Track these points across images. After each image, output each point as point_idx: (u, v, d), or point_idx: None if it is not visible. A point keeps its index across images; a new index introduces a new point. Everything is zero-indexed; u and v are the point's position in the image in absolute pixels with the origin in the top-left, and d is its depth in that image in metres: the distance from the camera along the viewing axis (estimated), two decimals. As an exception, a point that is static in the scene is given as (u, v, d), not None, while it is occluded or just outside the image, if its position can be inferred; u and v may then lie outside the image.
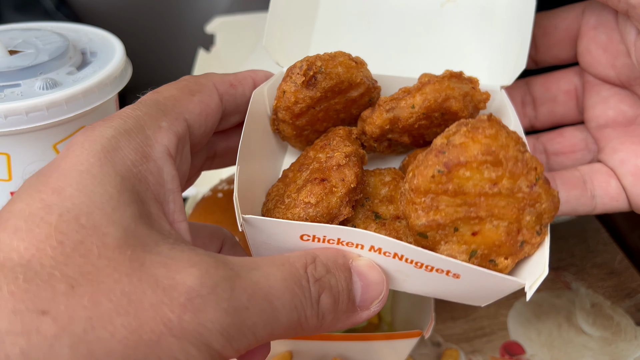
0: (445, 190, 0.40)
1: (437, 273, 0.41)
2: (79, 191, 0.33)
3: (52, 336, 0.28)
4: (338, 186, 0.45)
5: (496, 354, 0.66)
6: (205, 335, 0.31)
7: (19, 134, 0.52)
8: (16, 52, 0.56)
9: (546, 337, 0.68)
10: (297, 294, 0.36)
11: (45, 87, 0.52)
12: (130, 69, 0.60)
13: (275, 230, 0.42)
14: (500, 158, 0.40)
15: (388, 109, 0.50)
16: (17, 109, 0.50)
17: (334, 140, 0.49)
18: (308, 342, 0.55)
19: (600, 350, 0.66)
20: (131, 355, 0.29)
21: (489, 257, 0.42)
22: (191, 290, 0.31)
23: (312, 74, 0.49)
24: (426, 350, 0.66)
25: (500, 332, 0.68)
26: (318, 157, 0.48)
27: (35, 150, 0.54)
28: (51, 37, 0.59)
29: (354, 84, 0.50)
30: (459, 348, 0.67)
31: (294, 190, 0.46)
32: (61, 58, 0.56)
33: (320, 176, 0.45)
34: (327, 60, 0.49)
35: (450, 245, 0.42)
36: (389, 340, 0.56)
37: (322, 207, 0.44)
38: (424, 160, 0.41)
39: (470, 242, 0.42)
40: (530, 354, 0.66)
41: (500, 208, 0.41)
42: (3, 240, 0.31)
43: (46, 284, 0.29)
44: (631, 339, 0.68)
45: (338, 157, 0.46)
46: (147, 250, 0.32)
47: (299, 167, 0.50)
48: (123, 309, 0.30)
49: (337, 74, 0.49)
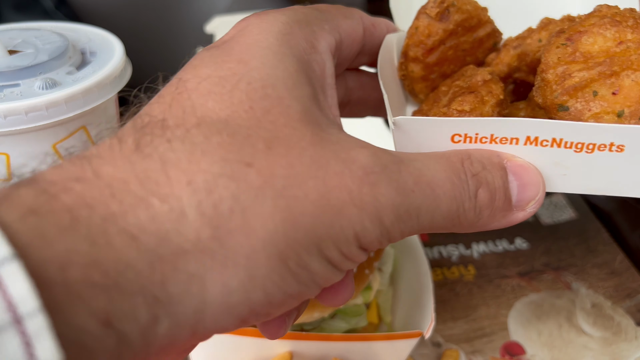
0: (573, 60, 0.42)
1: (599, 152, 0.39)
2: (263, 64, 0.35)
3: (257, 187, 0.30)
4: (488, 97, 0.45)
5: (496, 354, 0.66)
6: (379, 210, 0.33)
7: (18, 134, 0.52)
8: (15, 51, 0.56)
9: (546, 337, 0.68)
10: (457, 185, 0.36)
11: (44, 87, 0.52)
12: (129, 69, 0.60)
13: (426, 131, 0.41)
14: (618, 19, 0.42)
15: (515, 45, 0.52)
16: (16, 109, 0.50)
17: (467, 72, 0.50)
18: (308, 343, 0.55)
19: (600, 351, 0.66)
20: (319, 218, 0.31)
21: (637, 114, 0.40)
22: (366, 166, 0.33)
23: (445, 6, 0.50)
24: (426, 350, 0.66)
25: (500, 333, 0.68)
26: (456, 84, 0.49)
27: (35, 150, 0.54)
28: (51, 37, 0.59)
29: (482, 22, 0.52)
30: (459, 348, 0.67)
31: (440, 108, 0.46)
32: (61, 58, 0.56)
33: (468, 90, 0.46)
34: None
35: (594, 112, 0.41)
36: (389, 341, 0.56)
37: (476, 115, 0.44)
38: (547, 45, 0.44)
39: (613, 102, 0.41)
40: (531, 354, 0.66)
41: (634, 61, 0.41)
42: (196, 100, 0.33)
43: (246, 140, 0.31)
44: (632, 339, 0.68)
45: (483, 74, 0.47)
46: (322, 129, 0.35)
47: (432, 101, 0.50)
48: (313, 173, 0.32)
49: (467, 10, 0.51)
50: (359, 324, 0.62)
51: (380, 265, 0.68)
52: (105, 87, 0.55)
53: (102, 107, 0.58)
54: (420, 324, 0.59)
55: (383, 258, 0.69)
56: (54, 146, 0.55)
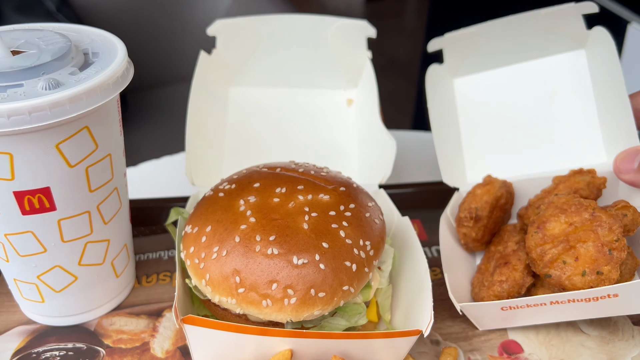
0: (544, 242, 0.64)
1: (602, 300, 0.60)
2: None
3: None
4: (517, 264, 0.68)
5: (494, 353, 0.66)
6: None
7: (21, 134, 0.52)
8: (19, 52, 0.57)
9: (544, 336, 0.68)
10: None
11: (47, 87, 0.52)
12: (131, 70, 0.61)
13: (483, 309, 0.66)
14: (565, 207, 0.64)
15: (537, 205, 0.72)
16: (20, 109, 0.50)
17: (505, 235, 0.74)
18: (308, 341, 0.55)
19: (598, 349, 0.66)
20: None
21: (594, 271, 0.60)
22: None
23: (474, 215, 0.74)
24: (425, 348, 0.67)
25: (498, 331, 0.69)
26: (498, 250, 0.73)
27: (38, 149, 0.54)
28: (54, 38, 0.59)
29: (498, 197, 0.76)
30: (458, 347, 0.67)
31: (488, 276, 0.70)
32: (64, 58, 0.56)
33: (503, 261, 0.69)
34: (473, 199, 0.76)
35: (567, 276, 0.61)
36: (388, 339, 0.56)
37: (511, 282, 0.67)
38: (527, 233, 0.66)
39: (577, 266, 0.61)
40: (529, 353, 0.66)
41: (582, 235, 0.62)
42: None
43: None
44: (628, 338, 0.68)
45: (512, 245, 0.71)
46: None
47: (487, 260, 0.74)
48: None
49: (486, 201, 0.75)
50: (359, 322, 0.63)
51: (379, 264, 0.68)
52: (107, 87, 0.56)
53: (105, 107, 0.58)
54: (419, 322, 0.59)
55: (382, 257, 0.69)
56: (57, 146, 0.55)
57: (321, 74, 0.95)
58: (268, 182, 0.65)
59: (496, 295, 0.67)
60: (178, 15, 1.91)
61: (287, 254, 0.57)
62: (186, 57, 1.20)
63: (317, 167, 0.70)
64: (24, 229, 0.59)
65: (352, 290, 0.59)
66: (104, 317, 0.71)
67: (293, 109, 0.95)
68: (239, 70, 0.95)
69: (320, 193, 0.63)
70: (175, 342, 0.68)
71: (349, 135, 0.92)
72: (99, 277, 0.68)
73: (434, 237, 0.84)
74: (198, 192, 0.78)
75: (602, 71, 0.77)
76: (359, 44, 0.92)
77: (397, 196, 0.80)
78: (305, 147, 0.91)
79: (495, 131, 0.84)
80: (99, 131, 0.58)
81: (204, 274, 0.59)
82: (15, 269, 0.64)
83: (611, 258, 0.60)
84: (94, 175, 0.60)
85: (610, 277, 0.60)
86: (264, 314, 0.57)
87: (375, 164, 0.83)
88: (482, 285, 0.70)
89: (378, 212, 0.66)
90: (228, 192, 0.65)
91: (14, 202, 0.56)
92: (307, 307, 0.57)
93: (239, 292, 0.57)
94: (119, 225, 0.68)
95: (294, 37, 0.93)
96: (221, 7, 1.95)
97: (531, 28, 0.82)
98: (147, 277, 0.78)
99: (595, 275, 0.60)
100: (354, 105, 0.95)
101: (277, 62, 0.94)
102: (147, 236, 0.85)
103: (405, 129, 1.38)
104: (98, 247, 0.65)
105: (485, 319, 0.67)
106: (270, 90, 0.96)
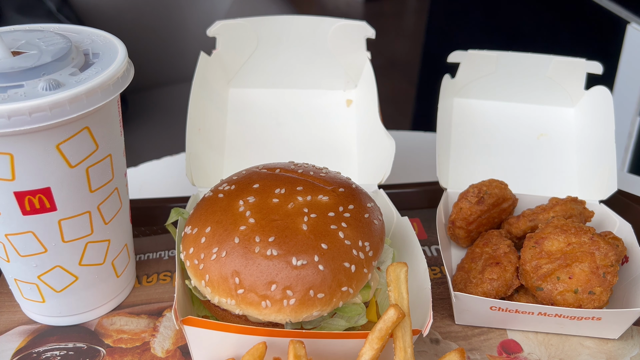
0: (541, 257, 0.67)
1: (585, 320, 0.64)
2: None
3: None
4: (508, 266, 0.70)
5: (494, 352, 0.66)
6: None
7: (22, 134, 0.52)
8: (19, 53, 0.57)
9: (543, 335, 0.68)
10: None
11: (48, 87, 0.52)
12: (132, 71, 0.61)
13: (472, 302, 0.66)
14: (565, 229, 0.68)
15: (530, 219, 0.77)
16: (20, 110, 0.50)
17: (492, 239, 0.75)
18: (308, 340, 0.55)
19: (597, 349, 0.67)
20: None
21: (586, 290, 0.64)
22: None
23: (481, 195, 0.77)
24: (425, 347, 0.67)
25: (497, 330, 0.69)
26: (486, 251, 0.74)
27: (38, 150, 0.54)
28: (54, 39, 0.60)
29: (506, 198, 0.80)
30: (457, 346, 0.67)
31: (476, 274, 0.71)
32: (64, 59, 0.56)
33: (494, 261, 0.71)
34: (487, 185, 0.79)
35: (559, 291, 0.65)
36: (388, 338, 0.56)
37: (501, 280, 0.69)
38: (523, 247, 0.70)
39: (570, 284, 0.65)
40: (528, 352, 0.66)
41: (579, 255, 0.66)
42: None
43: None
44: (627, 338, 0.68)
45: (504, 247, 0.72)
46: None
47: (470, 260, 0.75)
48: None
49: (495, 193, 0.79)
50: (359, 322, 0.63)
51: (378, 264, 0.69)
52: (108, 88, 0.56)
53: (105, 107, 0.59)
54: (418, 322, 0.59)
55: (381, 257, 0.69)
56: (58, 146, 0.55)
57: (321, 74, 0.95)
58: (267, 183, 0.65)
59: (484, 293, 0.69)
60: (178, 16, 1.91)
61: (286, 255, 0.57)
62: (186, 58, 1.20)
63: (317, 168, 0.70)
64: (25, 229, 0.59)
65: (351, 291, 0.59)
66: (104, 316, 0.71)
67: (293, 110, 0.95)
68: (239, 71, 0.95)
69: (320, 194, 0.63)
70: (176, 342, 0.68)
71: (348, 135, 0.92)
72: (100, 277, 0.68)
73: (433, 236, 0.84)
74: (198, 193, 0.78)
75: (593, 125, 0.86)
76: (359, 44, 0.92)
77: (397, 196, 0.80)
78: (304, 147, 0.91)
79: (483, 150, 0.90)
80: (99, 131, 0.59)
81: (204, 274, 0.59)
82: (15, 269, 0.64)
83: (604, 280, 0.64)
84: (94, 176, 0.60)
85: (601, 298, 0.64)
86: (263, 315, 0.57)
87: (375, 164, 0.83)
88: (468, 282, 0.71)
89: (377, 213, 0.67)
90: (227, 193, 0.65)
91: (14, 202, 0.57)
92: (306, 308, 0.57)
93: (238, 293, 0.57)
94: (119, 225, 0.68)
95: (293, 38, 0.93)
96: (221, 8, 1.95)
97: (541, 70, 0.88)
98: (147, 277, 0.78)
99: (587, 295, 0.64)
100: (353, 106, 0.95)
101: (276, 62, 0.95)
102: (147, 236, 0.85)
103: (404, 129, 1.38)
104: (98, 247, 0.66)
105: (468, 313, 0.68)
106: (270, 91, 0.96)
